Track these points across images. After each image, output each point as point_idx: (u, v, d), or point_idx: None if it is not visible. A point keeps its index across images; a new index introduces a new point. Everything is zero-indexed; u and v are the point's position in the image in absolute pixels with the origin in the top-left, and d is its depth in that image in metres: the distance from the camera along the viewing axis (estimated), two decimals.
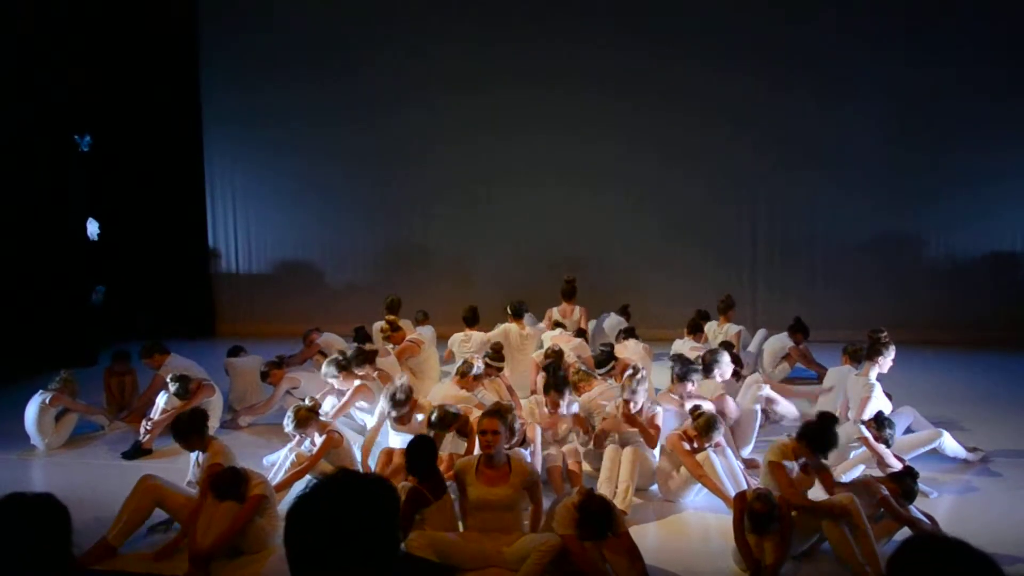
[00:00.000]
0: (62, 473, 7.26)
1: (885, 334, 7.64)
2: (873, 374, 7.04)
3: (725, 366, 7.43)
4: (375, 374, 7.87)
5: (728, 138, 12.71)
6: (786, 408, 7.46)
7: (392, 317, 9.74)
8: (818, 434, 5.37)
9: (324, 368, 7.72)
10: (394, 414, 6.50)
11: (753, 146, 12.69)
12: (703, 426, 6.11)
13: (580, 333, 9.94)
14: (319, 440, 6.31)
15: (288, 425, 6.34)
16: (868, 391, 6.85)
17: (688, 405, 6.61)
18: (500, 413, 5.48)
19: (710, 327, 9.99)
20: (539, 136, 12.95)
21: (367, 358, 7.85)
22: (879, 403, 6.79)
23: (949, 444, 6.85)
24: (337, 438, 6.39)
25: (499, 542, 5.01)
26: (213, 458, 5.67)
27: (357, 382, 7.52)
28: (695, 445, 6.12)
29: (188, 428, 5.80)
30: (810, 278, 12.88)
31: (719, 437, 6.19)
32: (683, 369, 6.98)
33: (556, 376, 6.87)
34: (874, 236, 12.73)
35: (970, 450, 6.98)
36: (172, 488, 5.70)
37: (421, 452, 5.25)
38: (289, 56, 13.34)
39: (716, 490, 5.93)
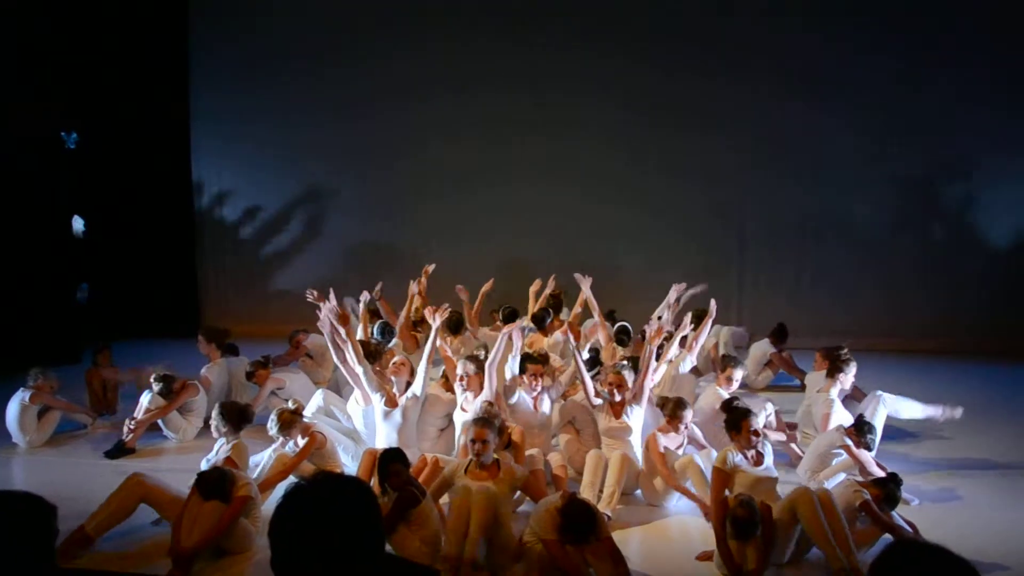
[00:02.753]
0: (44, 471, 7.22)
1: (846, 351, 7.67)
2: (835, 391, 7.12)
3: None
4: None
5: (717, 141, 12.70)
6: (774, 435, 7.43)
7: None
8: (729, 419, 5.78)
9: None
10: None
11: (742, 149, 12.68)
12: (672, 409, 6.27)
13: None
14: (302, 442, 6.30)
15: (272, 427, 6.33)
16: (828, 407, 6.98)
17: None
18: (489, 421, 5.54)
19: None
20: (527, 139, 12.96)
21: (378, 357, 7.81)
22: (840, 417, 6.88)
23: (896, 404, 7.08)
24: (321, 439, 6.38)
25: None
26: (234, 453, 5.83)
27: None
28: (672, 436, 6.23)
29: (237, 415, 6.12)
30: (799, 283, 12.87)
31: (690, 416, 6.35)
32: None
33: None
34: (865, 242, 12.72)
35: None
36: (160, 486, 5.67)
37: (401, 463, 5.27)
38: (278, 55, 13.32)
39: (691, 496, 6.00)
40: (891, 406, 7.17)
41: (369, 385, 6.77)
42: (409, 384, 6.84)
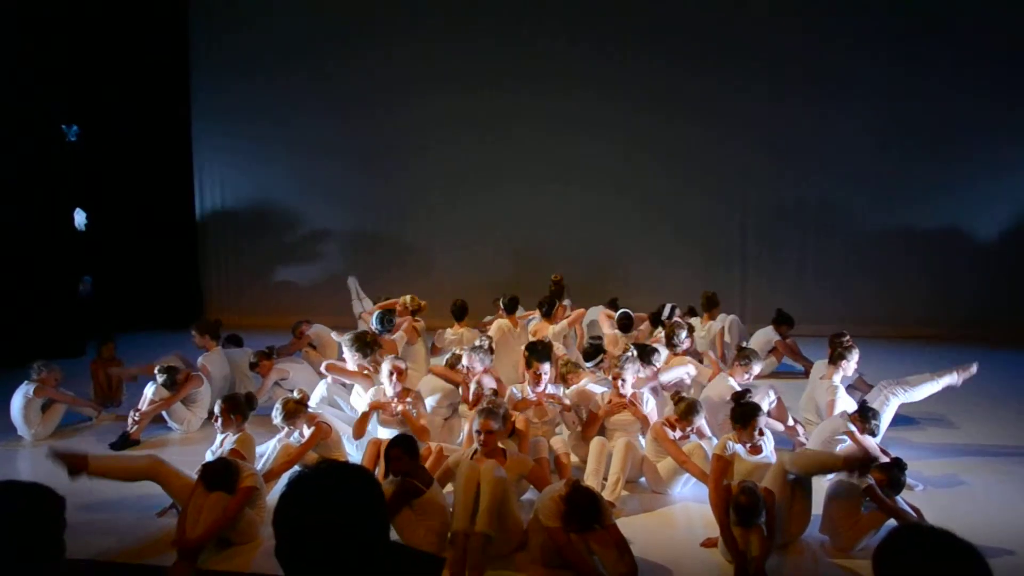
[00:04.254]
0: (48, 464, 7.21)
1: (847, 338, 7.65)
2: (837, 377, 7.11)
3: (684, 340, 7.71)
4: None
5: (719, 135, 12.78)
6: (774, 426, 7.40)
7: (416, 299, 9.71)
8: (738, 413, 5.75)
9: (348, 345, 7.64)
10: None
11: (744, 143, 12.77)
12: (684, 411, 6.20)
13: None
14: (307, 432, 6.31)
15: (276, 417, 6.34)
16: (832, 394, 6.97)
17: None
18: (494, 411, 5.53)
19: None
20: (530, 133, 12.99)
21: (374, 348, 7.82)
22: (844, 404, 6.87)
23: (910, 394, 7.07)
24: (326, 429, 6.39)
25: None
26: (240, 445, 5.81)
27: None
28: (678, 432, 6.17)
29: (243, 405, 6.12)
30: (799, 273, 12.95)
31: (700, 421, 6.26)
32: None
33: (539, 344, 6.98)
34: (862, 233, 12.81)
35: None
36: (175, 470, 5.68)
37: (403, 449, 5.25)
38: (279, 51, 13.35)
39: (703, 477, 5.97)
40: (904, 397, 7.14)
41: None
42: (407, 391, 6.78)
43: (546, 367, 6.83)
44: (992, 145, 12.34)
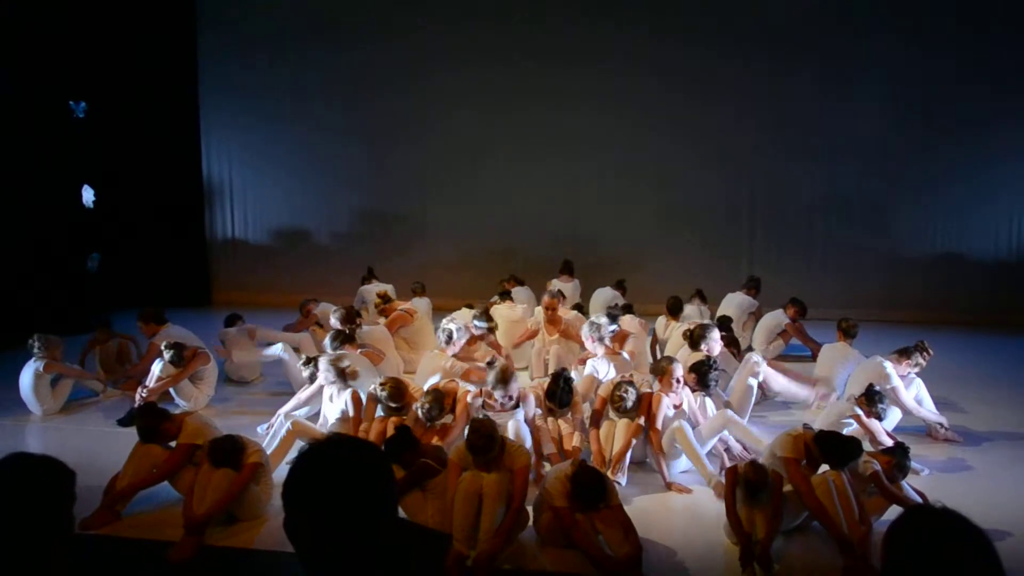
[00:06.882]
0: (58, 439, 7.27)
1: (927, 348, 7.40)
2: (892, 370, 7.02)
3: (713, 342, 7.44)
4: (359, 352, 7.88)
5: (729, 120, 12.70)
6: (784, 387, 7.37)
7: (383, 291, 9.84)
8: (837, 450, 5.18)
9: (328, 343, 7.80)
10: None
11: (754, 128, 12.70)
12: (660, 368, 6.34)
13: (578, 308, 10.01)
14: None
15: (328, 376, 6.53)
16: (886, 381, 6.87)
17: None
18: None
19: (732, 297, 10.33)
20: (540, 111, 12.89)
21: (345, 339, 7.85)
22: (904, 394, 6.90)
23: (925, 397, 7.11)
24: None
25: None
26: (186, 437, 5.59)
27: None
28: (673, 397, 6.26)
29: (151, 423, 5.70)
30: (805, 258, 12.89)
31: (680, 372, 6.34)
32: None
33: (560, 393, 6.36)
34: (869, 219, 12.74)
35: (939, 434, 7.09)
36: (168, 450, 5.71)
37: (399, 446, 5.25)
38: (288, 27, 13.25)
39: (691, 455, 6.05)
40: (923, 394, 7.14)
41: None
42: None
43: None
44: (1004, 134, 12.25)
